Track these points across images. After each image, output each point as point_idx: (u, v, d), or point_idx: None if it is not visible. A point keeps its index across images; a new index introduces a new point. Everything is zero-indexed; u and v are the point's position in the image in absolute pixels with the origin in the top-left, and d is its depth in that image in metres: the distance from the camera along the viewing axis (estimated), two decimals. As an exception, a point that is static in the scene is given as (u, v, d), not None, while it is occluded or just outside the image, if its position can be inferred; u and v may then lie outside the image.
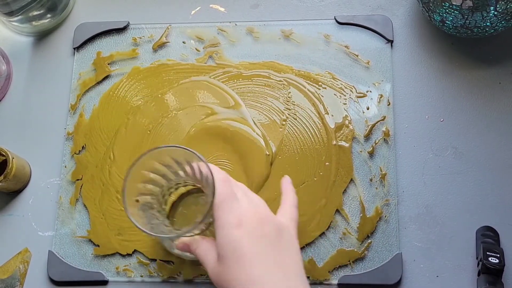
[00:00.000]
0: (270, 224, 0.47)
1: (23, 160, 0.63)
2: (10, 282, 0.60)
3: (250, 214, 0.46)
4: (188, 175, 0.51)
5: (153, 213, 0.50)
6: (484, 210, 0.59)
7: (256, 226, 0.46)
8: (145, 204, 0.49)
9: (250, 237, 0.45)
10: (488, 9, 0.56)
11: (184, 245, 0.50)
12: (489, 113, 0.62)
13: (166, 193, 0.53)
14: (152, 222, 0.49)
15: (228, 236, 0.45)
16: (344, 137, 0.61)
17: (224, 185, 0.47)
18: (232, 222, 0.45)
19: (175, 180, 0.52)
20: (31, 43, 0.70)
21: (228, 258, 0.45)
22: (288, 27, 0.66)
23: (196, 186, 0.54)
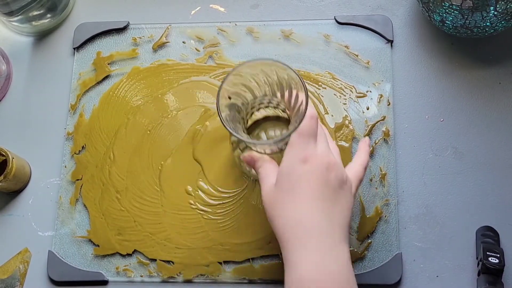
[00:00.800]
0: (336, 173, 0.47)
1: (23, 160, 0.63)
2: (10, 282, 0.60)
3: (321, 156, 0.47)
4: (283, 98, 0.50)
5: (237, 117, 0.50)
6: (484, 210, 0.59)
7: (322, 169, 0.46)
8: (234, 105, 0.49)
9: (312, 176, 0.46)
10: (488, 9, 0.56)
11: (251, 159, 0.51)
12: (489, 113, 0.62)
13: (256, 106, 0.53)
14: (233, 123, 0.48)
15: (291, 165, 0.46)
16: (344, 137, 0.61)
17: (311, 121, 0.47)
18: (302, 156, 0.46)
19: (269, 97, 0.51)
20: (31, 43, 0.70)
21: (284, 187, 0.46)
22: (288, 27, 0.66)
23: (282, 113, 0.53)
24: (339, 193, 0.47)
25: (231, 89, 0.48)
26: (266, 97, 0.51)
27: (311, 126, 0.47)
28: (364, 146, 0.54)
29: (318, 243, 0.45)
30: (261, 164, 0.50)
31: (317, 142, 0.47)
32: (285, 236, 0.46)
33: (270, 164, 0.49)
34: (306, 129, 0.46)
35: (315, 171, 0.46)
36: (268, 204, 0.47)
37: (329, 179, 0.46)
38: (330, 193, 0.46)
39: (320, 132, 0.48)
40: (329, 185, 0.46)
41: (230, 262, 0.59)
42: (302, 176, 0.46)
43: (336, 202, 0.47)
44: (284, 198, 0.46)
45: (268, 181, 0.48)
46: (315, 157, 0.46)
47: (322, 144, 0.48)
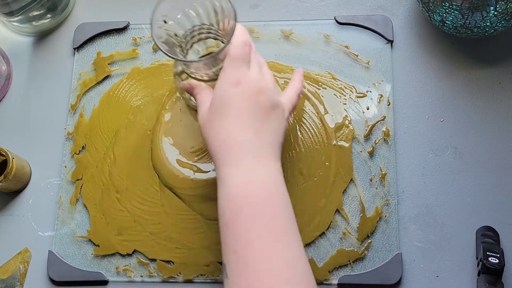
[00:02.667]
0: (267, 96, 0.49)
1: (23, 160, 0.63)
2: (10, 282, 0.60)
3: (253, 80, 0.48)
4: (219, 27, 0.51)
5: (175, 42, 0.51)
6: (484, 210, 0.59)
7: (253, 92, 0.48)
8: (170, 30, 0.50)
9: (243, 98, 0.47)
10: (488, 9, 0.56)
11: (189, 86, 0.52)
12: (489, 113, 0.62)
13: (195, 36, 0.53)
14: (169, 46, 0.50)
15: (223, 88, 0.48)
16: (344, 137, 0.61)
17: (243, 46, 0.48)
18: (233, 79, 0.48)
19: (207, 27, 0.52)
20: (31, 43, 0.70)
21: (216, 109, 0.48)
22: (288, 27, 0.66)
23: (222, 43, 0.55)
24: (270, 115, 0.49)
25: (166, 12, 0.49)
26: (205, 26, 0.52)
27: (243, 51, 0.48)
28: (298, 75, 0.56)
29: (247, 159, 0.47)
30: (199, 91, 0.51)
31: (251, 67, 0.49)
32: (217, 154, 0.48)
33: (207, 90, 0.51)
34: (238, 54, 0.48)
35: (246, 93, 0.48)
36: (203, 126, 0.49)
37: (260, 101, 0.48)
38: (261, 114, 0.48)
39: (254, 59, 0.50)
40: (260, 107, 0.48)
41: (230, 262, 0.59)
42: (233, 98, 0.47)
43: (267, 122, 0.48)
44: (216, 119, 0.48)
45: (204, 106, 0.50)
46: (247, 80, 0.48)
47: (255, 69, 0.49)
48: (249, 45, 0.49)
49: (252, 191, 0.46)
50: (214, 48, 0.55)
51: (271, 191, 0.47)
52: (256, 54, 0.51)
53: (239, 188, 0.46)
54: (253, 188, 0.46)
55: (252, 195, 0.46)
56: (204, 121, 0.49)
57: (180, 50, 0.52)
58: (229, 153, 0.47)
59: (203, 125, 0.49)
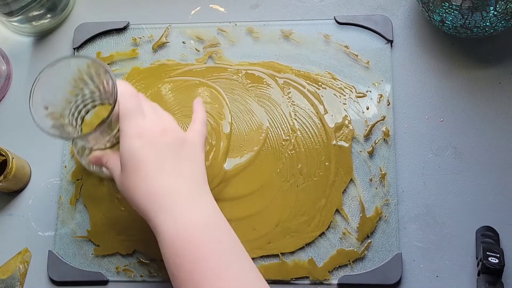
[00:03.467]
0: (171, 135, 0.48)
1: (23, 160, 0.63)
2: (10, 282, 0.60)
3: (153, 126, 0.48)
4: (100, 91, 0.51)
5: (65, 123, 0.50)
6: (484, 210, 0.59)
7: (157, 136, 0.48)
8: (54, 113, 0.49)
9: (150, 147, 0.47)
10: (488, 9, 0.56)
11: (96, 158, 0.52)
12: (489, 113, 0.62)
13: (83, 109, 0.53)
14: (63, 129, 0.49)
15: (128, 145, 0.47)
16: (344, 137, 0.61)
17: (131, 99, 0.48)
18: (134, 133, 0.47)
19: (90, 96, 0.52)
20: (31, 43, 0.70)
21: (128, 166, 0.47)
22: (288, 27, 0.66)
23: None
24: (181, 152, 0.48)
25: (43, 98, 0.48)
26: (86, 95, 0.51)
27: (132, 103, 0.48)
28: (198, 105, 0.55)
29: (174, 203, 0.46)
30: (107, 159, 0.51)
31: (146, 115, 0.49)
32: (144, 208, 0.47)
33: (114, 155, 0.51)
34: (129, 107, 0.48)
35: (151, 141, 0.47)
36: (121, 189, 0.49)
37: (167, 142, 0.48)
38: (171, 155, 0.48)
39: (146, 106, 0.50)
40: (169, 148, 0.48)
41: (230, 262, 0.59)
42: (140, 151, 0.47)
43: (180, 161, 0.48)
44: (131, 176, 0.47)
45: (116, 170, 0.49)
46: (146, 129, 0.48)
47: (151, 115, 0.49)
48: (135, 96, 0.49)
49: (187, 233, 0.46)
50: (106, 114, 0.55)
51: (206, 228, 0.46)
52: (147, 101, 0.51)
53: (174, 234, 0.46)
54: (188, 230, 0.46)
55: (188, 237, 0.45)
56: (121, 183, 0.48)
57: (73, 128, 0.51)
58: (155, 203, 0.47)
59: (121, 188, 0.49)
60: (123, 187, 0.48)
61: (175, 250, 0.45)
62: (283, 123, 0.62)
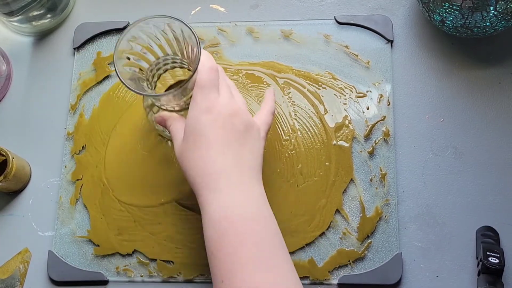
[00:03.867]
0: (240, 118, 0.48)
1: (23, 160, 0.63)
2: (10, 282, 0.60)
3: (224, 105, 0.48)
4: (183, 55, 0.51)
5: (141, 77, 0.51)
6: (484, 210, 0.59)
7: (225, 116, 0.48)
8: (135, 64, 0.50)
9: (216, 124, 0.47)
10: (488, 9, 0.56)
11: (162, 119, 0.52)
12: (489, 113, 0.62)
13: (161, 68, 0.53)
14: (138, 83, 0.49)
15: (195, 117, 0.47)
16: (344, 137, 0.61)
17: (210, 72, 0.48)
18: (204, 107, 0.47)
19: (172, 57, 0.52)
20: (31, 43, 0.70)
21: (191, 138, 0.48)
22: (288, 27, 0.66)
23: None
24: (246, 137, 0.49)
25: (128, 48, 0.48)
26: (169, 56, 0.52)
27: (211, 77, 0.48)
28: (269, 95, 0.55)
29: (227, 184, 0.47)
30: (171, 122, 0.51)
31: (220, 92, 0.49)
32: (196, 184, 0.47)
33: (179, 121, 0.51)
34: (206, 80, 0.48)
35: (219, 119, 0.47)
36: (180, 158, 0.49)
37: (234, 124, 0.48)
38: (236, 137, 0.48)
39: (222, 83, 0.50)
40: (234, 130, 0.48)
41: (230, 262, 0.59)
42: (207, 125, 0.47)
43: (243, 145, 0.48)
44: (192, 149, 0.48)
45: (178, 137, 0.50)
46: (218, 106, 0.48)
47: (225, 93, 0.49)
48: (216, 70, 0.49)
49: (234, 217, 0.46)
50: (181, 77, 0.55)
51: (253, 216, 0.46)
52: (224, 78, 0.51)
53: (221, 215, 0.46)
54: (236, 214, 0.46)
55: (235, 221, 0.45)
56: (180, 153, 0.49)
57: (147, 84, 0.51)
58: (209, 181, 0.47)
59: (179, 157, 0.49)
60: (181, 156, 0.49)
61: (219, 230, 0.45)
62: (283, 123, 0.62)
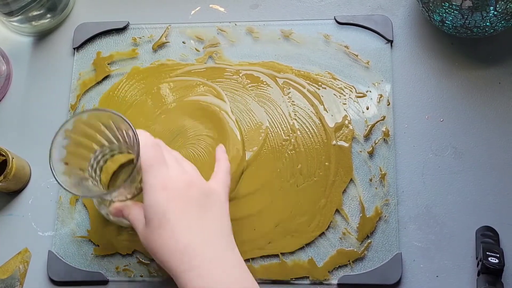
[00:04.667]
0: (197, 188, 0.48)
1: (23, 160, 0.63)
2: (10, 282, 0.60)
3: (177, 178, 0.47)
4: (119, 141, 0.50)
5: (84, 176, 0.50)
6: (484, 210, 0.59)
7: (181, 190, 0.47)
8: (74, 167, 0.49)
9: (174, 200, 0.46)
10: (488, 9, 0.56)
11: (117, 210, 0.51)
12: (489, 113, 0.62)
13: (101, 159, 0.52)
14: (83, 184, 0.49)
15: (152, 198, 0.46)
16: (344, 137, 0.61)
17: (154, 149, 0.47)
18: (158, 185, 0.46)
19: (109, 147, 0.51)
20: (31, 43, 0.70)
21: (153, 220, 0.46)
22: (288, 27, 0.66)
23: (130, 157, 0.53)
24: (207, 205, 0.48)
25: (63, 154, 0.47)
26: (105, 147, 0.51)
27: (156, 154, 0.47)
28: (221, 153, 0.55)
29: (201, 260, 0.46)
30: (129, 211, 0.50)
31: (168, 166, 0.48)
32: (171, 266, 0.46)
33: (136, 207, 0.50)
34: (152, 158, 0.47)
35: (176, 194, 0.46)
36: (146, 243, 0.48)
37: (191, 196, 0.47)
38: (197, 209, 0.47)
39: (168, 155, 0.49)
40: (193, 202, 0.47)
41: (230, 262, 0.59)
42: (165, 204, 0.46)
43: (206, 215, 0.47)
44: (156, 231, 0.46)
45: (139, 223, 0.48)
46: (171, 181, 0.47)
47: (174, 166, 0.48)
48: (157, 145, 0.48)
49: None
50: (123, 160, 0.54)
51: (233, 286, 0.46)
52: (168, 150, 0.50)
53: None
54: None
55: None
56: (145, 237, 0.48)
57: (92, 181, 0.50)
58: (183, 261, 0.46)
59: (145, 242, 0.48)
60: (147, 241, 0.47)
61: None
62: (283, 123, 0.62)
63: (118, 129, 0.48)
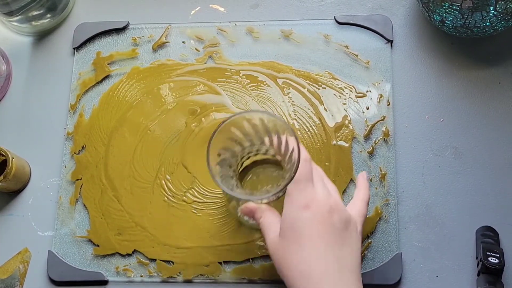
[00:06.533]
0: (339, 214, 0.46)
1: (23, 160, 0.63)
2: (10, 282, 0.60)
3: (321, 200, 0.46)
4: (272, 145, 0.50)
5: (229, 172, 0.50)
6: (484, 210, 0.59)
7: (324, 213, 0.46)
8: (224, 160, 0.49)
9: (316, 221, 0.45)
10: (488, 9, 0.56)
11: (249, 211, 0.50)
12: (489, 113, 0.62)
13: (245, 156, 0.53)
14: (226, 180, 0.48)
15: (295, 214, 0.46)
16: (344, 137, 0.61)
17: (305, 165, 0.46)
18: (302, 203, 0.46)
19: (258, 146, 0.51)
20: (31, 43, 0.70)
21: (290, 235, 0.46)
22: (288, 27, 0.66)
23: (271, 157, 0.53)
24: (345, 235, 0.46)
25: (219, 146, 0.47)
26: (255, 146, 0.51)
27: (306, 170, 0.46)
28: (362, 181, 0.53)
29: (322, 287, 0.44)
30: (262, 214, 0.49)
31: (315, 184, 0.47)
32: (291, 283, 0.45)
33: (271, 213, 0.49)
34: (302, 174, 0.46)
35: (318, 216, 0.45)
36: (275, 255, 0.47)
37: (333, 222, 0.46)
38: (336, 237, 0.46)
39: (315, 174, 0.48)
40: (334, 228, 0.46)
41: (230, 262, 0.59)
42: (306, 223, 0.45)
43: (343, 245, 0.46)
44: (290, 247, 0.46)
45: (271, 231, 0.48)
46: (316, 201, 0.46)
47: (320, 186, 0.47)
48: (309, 162, 0.47)
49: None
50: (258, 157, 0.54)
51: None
52: (315, 167, 0.49)
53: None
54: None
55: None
56: (277, 250, 0.47)
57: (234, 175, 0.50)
58: (311, 285, 0.44)
59: (275, 253, 0.47)
60: (277, 253, 0.46)
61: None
62: (283, 123, 0.62)
63: (275, 134, 0.48)
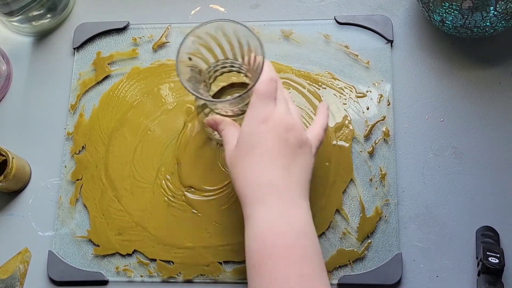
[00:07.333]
0: (295, 134, 0.48)
1: (23, 160, 0.63)
2: (10, 282, 0.60)
3: (280, 117, 0.48)
4: (244, 61, 0.51)
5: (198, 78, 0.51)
6: (484, 210, 0.59)
7: (281, 129, 0.47)
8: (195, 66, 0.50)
9: (271, 135, 0.47)
10: (488, 9, 0.56)
11: (214, 122, 0.52)
12: (489, 113, 0.62)
13: (218, 70, 0.53)
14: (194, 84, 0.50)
15: (251, 127, 0.47)
16: (344, 137, 0.61)
17: (270, 83, 0.48)
18: (261, 116, 0.47)
19: (231, 61, 0.52)
20: (31, 43, 0.70)
21: (244, 146, 0.48)
22: (288, 27, 0.66)
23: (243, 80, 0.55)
24: (298, 153, 0.48)
25: (190, 49, 0.48)
26: (228, 60, 0.52)
27: (270, 87, 0.48)
28: (323, 109, 0.55)
29: (276, 199, 0.46)
30: (224, 127, 0.51)
31: (277, 103, 0.49)
32: (245, 193, 0.47)
33: (232, 127, 0.51)
34: (265, 90, 0.48)
35: (274, 131, 0.47)
36: (230, 164, 0.49)
37: (288, 139, 0.48)
38: (289, 152, 0.47)
39: (280, 95, 0.49)
40: (288, 145, 0.47)
41: (230, 262, 0.59)
42: (262, 136, 0.47)
43: (295, 161, 0.48)
44: (244, 157, 0.48)
45: (230, 143, 0.50)
46: (275, 117, 0.48)
47: (282, 105, 0.49)
48: (275, 81, 0.49)
49: (280, 232, 0.45)
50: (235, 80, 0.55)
51: (299, 232, 0.46)
52: (282, 90, 0.51)
53: (266, 228, 0.45)
54: (281, 229, 0.45)
55: (279, 236, 0.45)
56: (232, 159, 0.49)
57: (203, 86, 0.51)
58: (257, 192, 0.46)
59: (230, 163, 0.49)
60: (231, 163, 0.49)
61: (263, 243, 0.45)
62: (283, 123, 0.62)
63: (248, 51, 0.49)
